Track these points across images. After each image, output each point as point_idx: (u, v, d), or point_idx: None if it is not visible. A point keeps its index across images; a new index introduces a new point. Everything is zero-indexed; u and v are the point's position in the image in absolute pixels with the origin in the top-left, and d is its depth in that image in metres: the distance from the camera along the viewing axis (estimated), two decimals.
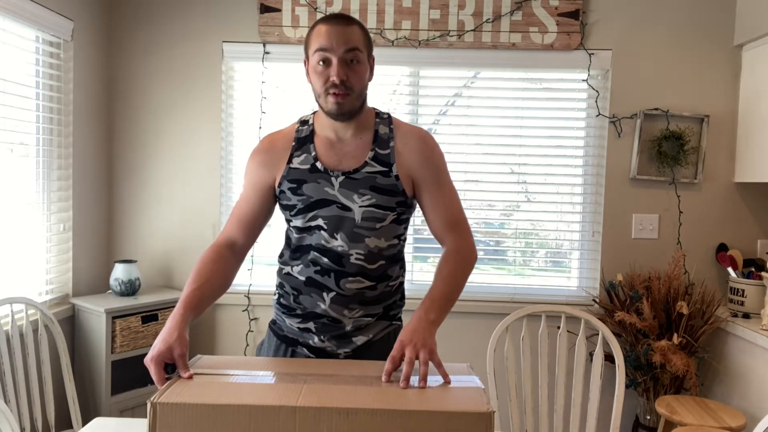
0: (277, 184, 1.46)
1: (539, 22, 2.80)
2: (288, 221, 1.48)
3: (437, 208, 1.46)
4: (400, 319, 1.56)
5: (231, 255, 1.46)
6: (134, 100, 2.94)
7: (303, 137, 1.46)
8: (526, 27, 2.81)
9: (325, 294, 1.42)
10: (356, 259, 1.40)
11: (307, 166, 1.43)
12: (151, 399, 1.01)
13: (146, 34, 2.91)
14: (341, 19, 1.35)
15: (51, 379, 2.25)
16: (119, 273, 2.70)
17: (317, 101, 1.41)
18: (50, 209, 2.61)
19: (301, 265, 1.44)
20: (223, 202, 2.97)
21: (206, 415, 1.00)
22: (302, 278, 1.44)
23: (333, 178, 1.41)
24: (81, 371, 2.64)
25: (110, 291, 2.80)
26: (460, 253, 1.43)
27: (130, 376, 2.62)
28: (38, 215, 2.55)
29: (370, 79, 1.42)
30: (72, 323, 2.67)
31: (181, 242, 2.96)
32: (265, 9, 2.84)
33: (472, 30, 2.82)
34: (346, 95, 1.35)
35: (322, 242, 1.41)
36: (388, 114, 1.49)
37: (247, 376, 1.13)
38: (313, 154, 1.43)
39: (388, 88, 2.96)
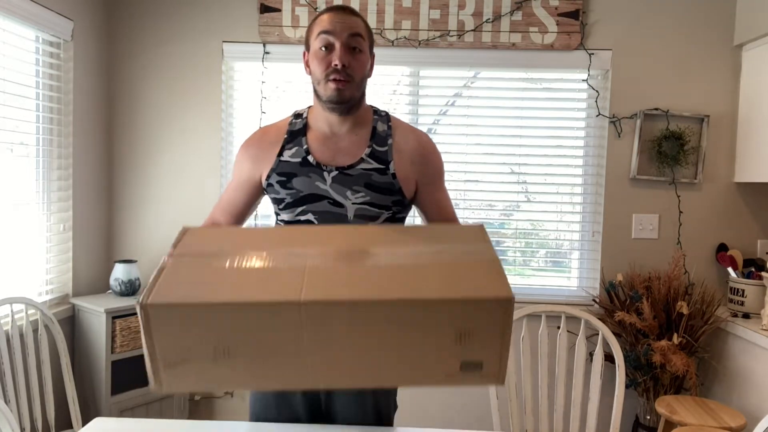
0: (265, 177, 1.42)
1: (539, 22, 2.80)
2: (276, 214, 1.45)
3: (440, 212, 1.44)
4: None
5: None
6: (134, 99, 2.94)
7: (296, 130, 1.43)
8: (526, 27, 2.80)
9: None
10: None
11: (298, 160, 1.39)
12: (140, 300, 0.93)
13: (146, 34, 2.91)
14: (346, 9, 1.36)
15: (51, 379, 2.25)
16: (119, 273, 2.70)
17: (316, 89, 1.37)
18: (50, 209, 2.61)
19: None
20: None
21: (202, 315, 0.93)
22: None
23: (325, 173, 1.37)
24: (81, 371, 2.64)
25: (110, 291, 2.80)
26: None
27: (130, 376, 2.62)
28: (38, 215, 2.55)
29: (369, 74, 1.41)
30: (72, 323, 2.67)
31: None
32: (265, 9, 2.84)
33: (472, 30, 2.82)
34: (347, 82, 1.32)
35: None
36: (386, 112, 1.47)
37: (240, 259, 1.04)
38: (305, 147, 1.39)
39: (388, 88, 2.96)
